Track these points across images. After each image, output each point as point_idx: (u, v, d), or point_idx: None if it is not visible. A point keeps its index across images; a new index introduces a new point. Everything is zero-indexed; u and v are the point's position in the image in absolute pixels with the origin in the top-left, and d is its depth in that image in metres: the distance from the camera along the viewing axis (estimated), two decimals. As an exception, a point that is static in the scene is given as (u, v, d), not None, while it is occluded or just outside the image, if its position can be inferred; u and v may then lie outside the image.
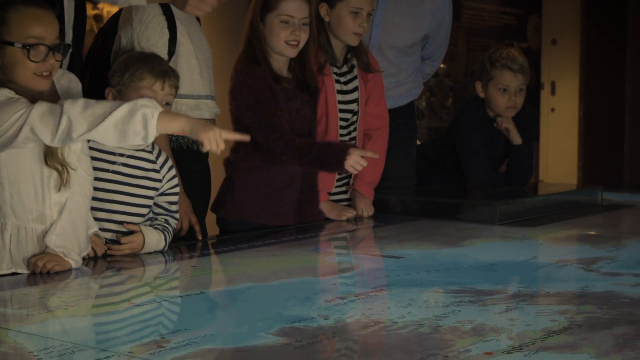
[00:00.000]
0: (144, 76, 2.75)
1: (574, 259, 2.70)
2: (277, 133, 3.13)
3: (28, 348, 1.78)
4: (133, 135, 2.44)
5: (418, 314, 2.04)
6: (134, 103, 2.45)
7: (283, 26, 3.17)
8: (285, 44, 3.18)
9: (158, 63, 2.81)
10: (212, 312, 2.12)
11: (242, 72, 3.21)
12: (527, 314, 2.04)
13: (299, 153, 3.12)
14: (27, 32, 2.45)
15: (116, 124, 2.41)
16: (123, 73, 2.76)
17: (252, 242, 2.99)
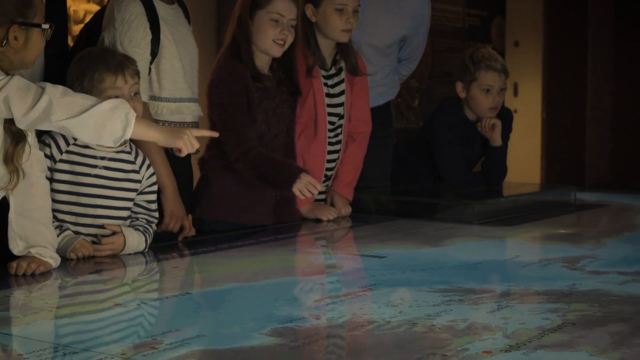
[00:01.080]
0: (104, 77, 2.68)
1: (556, 257, 2.69)
2: (238, 139, 3.10)
3: (17, 350, 1.73)
4: (109, 134, 2.41)
5: (410, 313, 2.03)
6: (117, 101, 2.41)
7: (272, 24, 3.14)
8: (272, 43, 3.15)
9: (111, 57, 2.73)
10: (200, 313, 2.08)
11: (222, 68, 3.18)
12: (519, 313, 2.03)
13: (252, 165, 3.09)
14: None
15: (97, 119, 2.37)
16: (82, 80, 2.69)
17: (232, 243, 2.96)
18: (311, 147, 3.42)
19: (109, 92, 2.67)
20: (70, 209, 2.67)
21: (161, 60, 3.05)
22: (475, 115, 3.98)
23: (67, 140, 2.67)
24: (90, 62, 2.72)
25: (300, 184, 3.04)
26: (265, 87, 3.19)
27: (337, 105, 3.52)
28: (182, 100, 3.10)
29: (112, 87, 2.68)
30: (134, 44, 2.96)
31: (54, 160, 2.65)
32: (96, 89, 2.67)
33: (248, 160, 3.09)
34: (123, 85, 2.69)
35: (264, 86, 3.18)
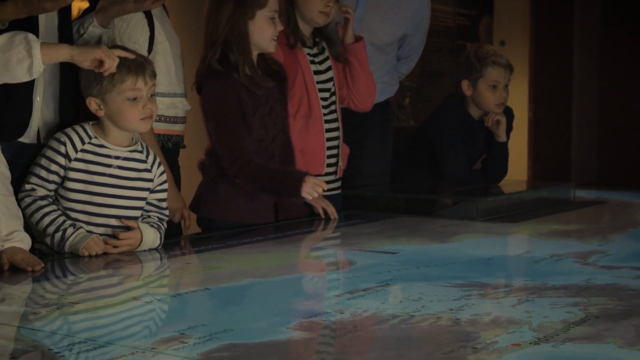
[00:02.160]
0: (125, 78, 2.66)
1: (566, 253, 2.71)
2: (235, 154, 3.08)
3: (47, 345, 1.73)
4: (17, 64, 2.38)
5: (432, 307, 2.03)
6: (12, 33, 2.38)
7: (271, 22, 3.14)
8: (271, 40, 3.16)
9: (132, 59, 2.71)
10: (223, 308, 2.08)
11: (214, 79, 3.11)
12: (541, 307, 2.04)
13: (252, 178, 3.09)
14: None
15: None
16: (100, 81, 2.66)
17: (241, 239, 2.96)
18: (309, 125, 3.41)
19: (129, 93, 2.66)
20: (83, 208, 2.67)
21: (156, 57, 3.06)
22: (479, 113, 4.00)
23: (83, 139, 2.67)
24: None
25: (307, 187, 3.05)
26: (258, 95, 3.15)
27: (327, 81, 3.53)
28: (176, 95, 3.13)
29: (132, 88, 2.66)
30: (133, 40, 2.97)
31: (69, 158, 2.65)
32: (116, 90, 2.66)
33: (247, 174, 3.08)
34: (143, 86, 2.68)
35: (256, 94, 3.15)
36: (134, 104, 2.66)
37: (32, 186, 2.66)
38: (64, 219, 2.63)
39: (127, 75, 2.67)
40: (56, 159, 2.65)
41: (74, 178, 2.66)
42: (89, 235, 2.62)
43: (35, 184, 2.66)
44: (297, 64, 3.39)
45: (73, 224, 2.64)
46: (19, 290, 2.25)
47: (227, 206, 3.19)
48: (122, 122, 2.68)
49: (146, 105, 2.67)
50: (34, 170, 2.67)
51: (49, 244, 2.66)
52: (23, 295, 2.21)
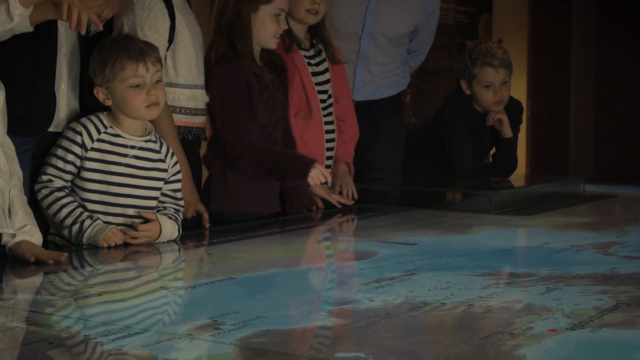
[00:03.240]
0: (125, 65, 2.65)
1: (586, 244, 2.71)
2: (238, 136, 3.10)
3: (83, 332, 1.72)
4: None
5: (462, 295, 2.03)
6: None
7: (275, 20, 3.15)
8: (273, 37, 3.17)
9: (132, 45, 2.69)
10: (252, 296, 2.07)
11: (224, 64, 3.14)
12: (570, 294, 2.04)
13: (258, 159, 3.09)
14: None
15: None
16: (103, 69, 2.66)
17: (257, 231, 2.95)
18: (309, 126, 3.41)
19: (131, 80, 2.65)
20: (101, 198, 2.66)
21: (176, 47, 3.03)
22: (482, 108, 4.00)
23: (99, 129, 2.66)
24: (111, 51, 2.68)
25: (314, 173, 3.06)
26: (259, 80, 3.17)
27: (324, 83, 3.53)
28: (197, 87, 3.10)
29: (133, 75, 2.65)
30: (154, 30, 2.95)
31: (86, 148, 2.64)
32: (118, 77, 2.65)
33: (252, 155, 3.08)
34: (144, 72, 2.66)
35: (262, 79, 3.17)
36: (138, 91, 2.65)
37: (49, 177, 2.64)
38: (81, 211, 2.62)
39: (127, 62, 2.65)
40: (72, 149, 2.64)
41: (91, 168, 2.65)
42: (106, 227, 2.61)
43: (52, 174, 2.65)
44: (294, 67, 3.39)
45: (90, 215, 2.63)
46: (45, 280, 2.24)
47: (237, 197, 3.19)
48: (128, 110, 2.66)
49: (150, 92, 2.65)
50: (50, 161, 2.66)
51: (67, 236, 2.65)
52: (49, 285, 2.20)
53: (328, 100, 3.53)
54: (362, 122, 3.74)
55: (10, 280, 2.26)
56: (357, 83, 3.95)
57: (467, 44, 8.91)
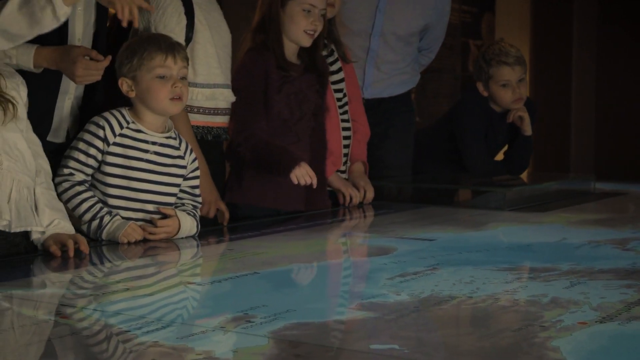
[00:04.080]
0: (154, 55, 2.67)
1: (604, 239, 2.73)
2: (243, 126, 3.12)
3: (117, 325, 1.73)
4: (41, 12, 2.38)
5: (487, 289, 2.04)
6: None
7: (304, 15, 3.15)
8: (303, 33, 3.17)
9: (163, 39, 2.73)
10: (278, 290, 2.08)
11: (247, 55, 3.20)
12: (594, 288, 2.05)
13: (253, 149, 3.10)
14: None
15: (20, 8, 2.34)
16: (131, 59, 2.69)
17: (275, 228, 2.97)
18: (327, 125, 3.42)
19: (158, 70, 2.66)
20: (122, 193, 2.66)
21: (195, 46, 3.03)
22: (500, 107, 4.01)
23: (121, 123, 2.67)
24: (141, 43, 2.71)
25: (299, 171, 3.05)
26: (289, 75, 3.19)
27: (339, 82, 3.54)
28: (217, 87, 3.09)
29: (161, 65, 2.66)
30: (168, 29, 2.95)
31: (108, 142, 2.64)
32: (145, 67, 2.66)
33: (250, 144, 3.10)
34: (172, 65, 2.68)
35: (287, 75, 3.18)
36: (164, 82, 2.66)
37: (70, 170, 2.65)
38: (100, 207, 2.63)
39: (157, 52, 2.67)
40: (95, 143, 2.64)
41: (112, 163, 2.65)
42: (126, 223, 2.62)
43: (74, 168, 2.65)
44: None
45: (109, 211, 2.63)
46: (73, 274, 2.25)
47: (250, 191, 3.20)
48: (151, 101, 2.67)
49: (176, 84, 2.67)
50: (72, 154, 2.66)
51: (85, 231, 2.65)
52: (78, 279, 2.21)
53: (344, 98, 3.54)
54: (372, 121, 3.75)
55: (38, 274, 2.27)
56: (367, 81, 3.96)
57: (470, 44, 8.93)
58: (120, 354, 1.58)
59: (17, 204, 2.37)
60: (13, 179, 2.38)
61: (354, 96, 3.62)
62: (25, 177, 2.42)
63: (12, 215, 2.35)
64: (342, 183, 3.45)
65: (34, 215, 2.41)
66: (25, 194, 2.41)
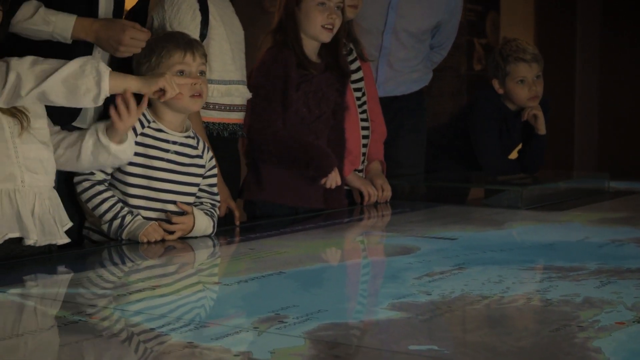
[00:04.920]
0: (172, 52, 2.66)
1: (626, 238, 2.71)
2: (263, 124, 3.10)
3: (148, 325, 1.71)
4: (85, 93, 2.36)
5: (518, 289, 2.02)
6: (85, 58, 2.37)
7: (320, 9, 3.13)
8: (321, 28, 3.15)
9: (180, 37, 2.72)
10: (307, 290, 2.06)
11: (267, 53, 3.18)
12: (626, 287, 2.03)
13: (283, 145, 3.09)
14: None
15: (66, 80, 2.32)
16: (149, 57, 2.67)
17: (294, 227, 2.95)
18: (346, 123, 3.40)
19: (177, 67, 2.64)
20: (143, 193, 2.64)
21: (210, 42, 3.01)
22: (515, 106, 3.99)
23: (142, 123, 2.64)
24: (159, 41, 2.69)
25: (332, 175, 3.10)
26: (309, 74, 3.17)
27: (358, 81, 3.52)
28: (232, 83, 3.07)
29: (180, 62, 2.65)
30: (183, 26, 2.93)
31: (129, 142, 2.62)
32: (164, 65, 2.64)
33: (278, 142, 3.08)
34: (191, 62, 2.66)
35: (307, 73, 3.16)
36: (183, 79, 2.64)
37: (90, 169, 2.63)
38: (121, 206, 2.61)
39: (175, 49, 2.66)
40: None
41: (133, 162, 2.63)
42: (146, 222, 2.60)
43: (95, 167, 2.63)
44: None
45: (130, 211, 2.61)
46: (95, 273, 2.23)
47: (269, 188, 3.17)
48: (172, 99, 2.65)
49: (195, 81, 2.65)
50: None
51: (105, 231, 2.63)
52: (99, 279, 2.19)
53: (362, 97, 3.52)
54: (385, 119, 3.72)
55: (60, 273, 2.25)
56: (379, 79, 3.93)
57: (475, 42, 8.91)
58: (157, 356, 1.56)
59: (41, 219, 2.36)
60: (35, 194, 2.36)
61: (371, 95, 3.60)
62: (46, 187, 2.41)
63: (37, 231, 2.33)
64: (360, 182, 3.43)
65: (58, 228, 2.39)
66: (47, 206, 2.39)
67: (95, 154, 2.47)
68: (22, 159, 2.37)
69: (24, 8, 2.56)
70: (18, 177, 2.35)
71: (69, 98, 2.36)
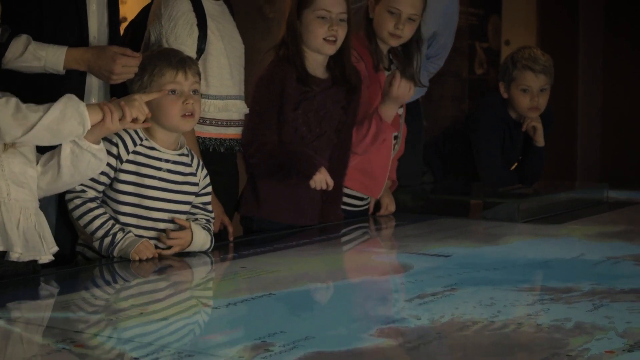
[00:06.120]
0: (164, 71, 2.64)
1: (623, 255, 2.69)
2: (253, 136, 3.07)
3: (131, 354, 1.69)
4: (68, 135, 2.37)
5: (509, 313, 2.00)
6: (65, 100, 2.34)
7: (320, 22, 3.07)
8: (323, 41, 3.08)
9: (174, 55, 2.70)
10: (296, 314, 2.04)
11: (267, 68, 3.14)
12: (618, 311, 2.01)
13: (268, 155, 3.05)
14: None
15: (50, 128, 2.31)
16: (142, 76, 2.65)
17: (287, 242, 2.92)
18: (379, 150, 3.35)
19: (169, 86, 2.62)
20: (133, 211, 2.62)
21: (208, 57, 2.99)
22: (517, 114, 3.96)
23: (135, 141, 2.62)
24: (151, 59, 2.67)
25: (319, 177, 3.01)
26: (310, 90, 3.11)
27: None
28: (229, 98, 3.05)
29: (172, 81, 2.63)
30: (180, 41, 2.91)
31: (121, 160, 2.60)
32: (156, 84, 2.63)
33: (263, 152, 3.05)
34: (183, 81, 2.64)
35: (308, 89, 3.11)
36: (175, 99, 2.62)
37: (82, 187, 2.60)
38: (113, 223, 2.59)
39: (167, 68, 2.64)
40: (108, 160, 2.60)
41: (125, 180, 2.62)
42: (138, 240, 2.58)
43: (86, 184, 2.60)
44: (379, 88, 3.33)
45: (122, 228, 2.59)
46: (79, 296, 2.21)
47: (266, 205, 3.14)
48: (163, 118, 2.63)
49: (187, 101, 2.63)
50: None
51: (97, 248, 2.62)
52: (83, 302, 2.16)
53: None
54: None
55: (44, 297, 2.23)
56: (376, 89, 3.90)
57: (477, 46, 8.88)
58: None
59: (25, 233, 2.34)
60: (21, 208, 2.35)
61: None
62: (32, 203, 2.39)
63: (21, 245, 2.31)
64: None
65: (42, 244, 2.37)
66: (33, 221, 2.37)
67: (75, 161, 2.43)
68: (7, 173, 2.35)
69: (13, 46, 2.57)
70: (4, 189, 2.33)
71: (52, 141, 2.38)
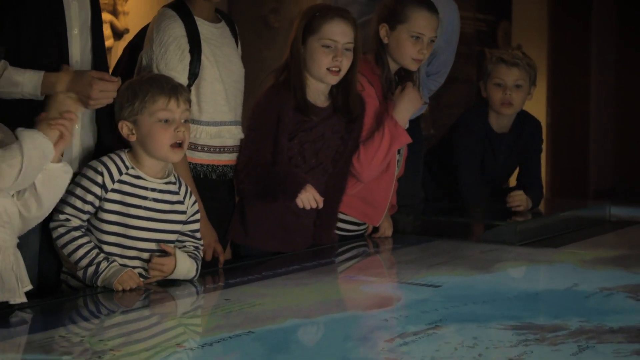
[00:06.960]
0: (157, 98, 2.60)
1: (616, 286, 2.63)
2: (245, 163, 3.02)
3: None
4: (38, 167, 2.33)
5: (490, 355, 1.96)
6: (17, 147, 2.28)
7: (324, 51, 3.00)
8: (326, 71, 3.01)
9: (165, 81, 2.66)
10: (273, 356, 2.00)
11: (265, 93, 3.08)
12: (604, 355, 1.96)
13: (257, 179, 3.00)
14: None
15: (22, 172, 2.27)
16: (132, 102, 2.61)
17: (276, 269, 2.87)
18: (382, 179, 3.31)
19: (160, 114, 2.59)
20: (117, 240, 2.59)
21: (201, 83, 2.94)
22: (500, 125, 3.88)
23: (120, 169, 2.59)
24: (143, 85, 2.63)
25: (304, 195, 2.96)
26: (309, 120, 3.05)
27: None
28: (224, 124, 2.99)
29: (163, 108, 2.59)
30: (170, 67, 2.86)
31: (106, 189, 2.57)
32: (147, 110, 2.59)
33: (252, 177, 3.00)
34: (175, 108, 2.60)
35: (306, 119, 3.05)
36: (166, 127, 2.59)
37: (66, 216, 2.57)
38: (97, 252, 2.55)
39: (159, 95, 2.60)
40: (92, 189, 2.57)
41: (109, 209, 2.58)
42: (122, 269, 2.54)
43: (70, 214, 2.57)
44: (387, 115, 3.28)
45: (106, 257, 2.56)
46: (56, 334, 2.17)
47: (254, 234, 3.09)
48: (152, 146, 2.60)
49: (178, 129, 2.59)
50: (69, 200, 2.58)
51: (81, 277, 2.58)
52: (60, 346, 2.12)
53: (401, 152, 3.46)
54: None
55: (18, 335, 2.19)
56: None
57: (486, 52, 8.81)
58: None
59: (2, 275, 2.29)
60: (0, 248, 2.31)
61: None
62: (12, 242, 2.35)
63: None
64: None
65: (18, 286, 2.33)
66: (11, 262, 2.32)
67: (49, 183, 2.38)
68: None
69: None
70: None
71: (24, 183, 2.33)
